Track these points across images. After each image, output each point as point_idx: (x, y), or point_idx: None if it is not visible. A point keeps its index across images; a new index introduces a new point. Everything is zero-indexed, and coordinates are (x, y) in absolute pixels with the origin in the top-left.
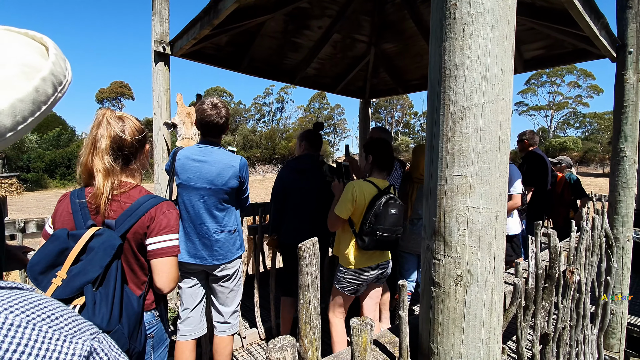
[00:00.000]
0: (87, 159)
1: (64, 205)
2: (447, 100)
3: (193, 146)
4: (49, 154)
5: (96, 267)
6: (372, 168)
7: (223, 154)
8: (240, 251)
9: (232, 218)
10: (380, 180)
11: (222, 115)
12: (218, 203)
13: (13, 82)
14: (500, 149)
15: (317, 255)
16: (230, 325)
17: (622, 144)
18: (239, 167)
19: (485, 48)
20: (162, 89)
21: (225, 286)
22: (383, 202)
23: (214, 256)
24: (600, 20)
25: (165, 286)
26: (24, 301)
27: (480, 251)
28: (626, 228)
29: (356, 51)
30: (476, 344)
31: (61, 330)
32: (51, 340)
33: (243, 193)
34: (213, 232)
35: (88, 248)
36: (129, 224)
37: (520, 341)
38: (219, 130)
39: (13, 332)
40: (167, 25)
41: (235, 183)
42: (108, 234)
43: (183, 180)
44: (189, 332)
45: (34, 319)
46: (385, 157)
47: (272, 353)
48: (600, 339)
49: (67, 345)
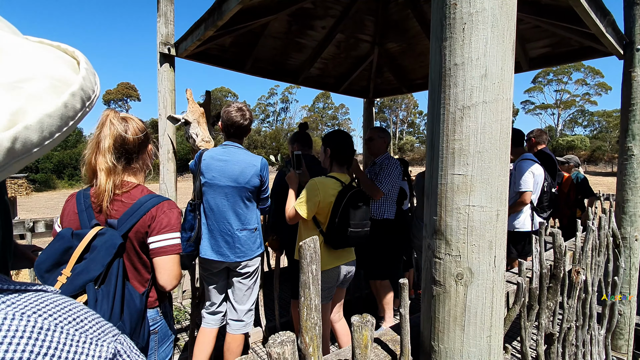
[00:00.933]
0: (90, 158)
1: (71, 205)
2: (447, 100)
3: (217, 147)
4: (57, 155)
5: (98, 266)
6: (332, 162)
7: (245, 154)
8: (261, 249)
9: (254, 217)
10: (343, 175)
11: (247, 118)
12: (241, 201)
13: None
14: (500, 148)
15: (317, 253)
16: (244, 323)
17: (630, 143)
18: (260, 167)
19: (486, 47)
20: (167, 90)
21: (244, 283)
22: (350, 197)
23: (235, 253)
24: (607, 17)
25: (168, 284)
26: (50, 304)
27: (480, 250)
28: (634, 227)
29: (360, 51)
30: (477, 342)
31: (87, 333)
32: (79, 343)
33: (264, 193)
34: (235, 229)
35: (91, 247)
36: (131, 223)
37: (524, 341)
38: (243, 132)
39: (43, 335)
40: (172, 27)
41: (257, 182)
42: (110, 233)
43: (208, 179)
44: (215, 321)
45: (61, 322)
46: (343, 150)
47: (272, 348)
48: (608, 340)
49: (94, 348)
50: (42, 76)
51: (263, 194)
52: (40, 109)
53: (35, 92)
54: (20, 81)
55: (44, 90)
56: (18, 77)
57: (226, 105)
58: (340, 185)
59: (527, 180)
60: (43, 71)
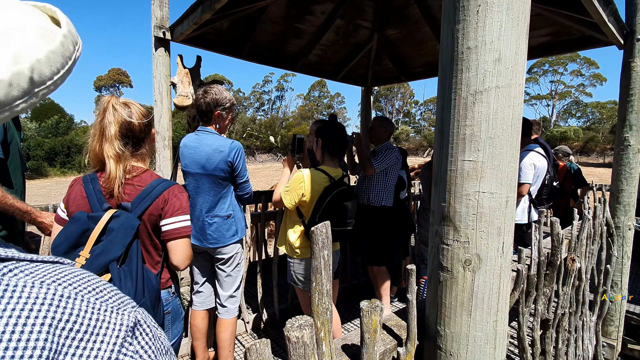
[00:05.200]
0: (96, 145)
1: (77, 189)
2: (459, 85)
3: (192, 133)
4: (49, 142)
5: (119, 246)
6: (323, 154)
7: (213, 139)
8: (236, 237)
9: (227, 204)
10: (333, 169)
11: (206, 100)
12: (211, 189)
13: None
14: (512, 134)
15: (329, 238)
16: (227, 309)
17: (627, 133)
18: (228, 152)
19: (500, 31)
20: (163, 76)
21: (223, 269)
22: (336, 195)
23: (207, 240)
24: (610, 6)
25: (181, 263)
26: (69, 274)
27: (489, 236)
28: (628, 217)
29: (359, 37)
30: (483, 327)
31: (107, 302)
32: (100, 311)
33: (238, 178)
34: (206, 216)
35: (107, 229)
36: (144, 206)
37: (522, 326)
38: (203, 115)
39: (64, 302)
40: (167, 9)
41: (226, 167)
42: (126, 215)
43: (183, 166)
44: (200, 303)
45: (81, 291)
46: (336, 142)
47: (290, 332)
48: (599, 326)
49: (115, 316)
50: (31, 25)
51: (238, 179)
52: (45, 47)
53: (29, 38)
54: (12, 29)
55: (36, 36)
56: (9, 26)
57: None
58: (328, 181)
59: (526, 172)
60: (31, 21)
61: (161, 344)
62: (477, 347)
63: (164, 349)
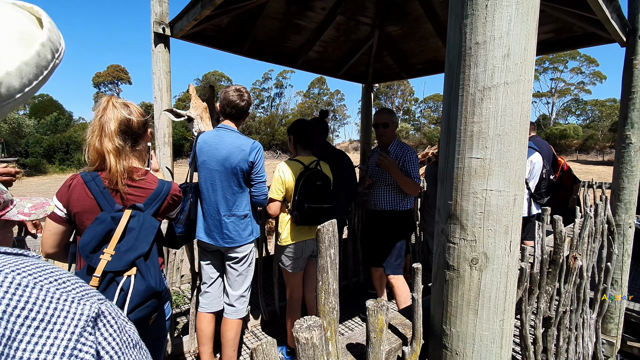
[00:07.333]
0: (95, 141)
1: (80, 189)
2: (466, 81)
3: (212, 130)
4: (47, 139)
5: (144, 244)
6: (295, 147)
7: (235, 138)
8: (252, 237)
9: (244, 203)
10: (307, 157)
11: (244, 99)
12: (229, 186)
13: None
14: (520, 131)
15: (336, 237)
16: (235, 309)
17: (628, 131)
18: (249, 151)
19: (509, 25)
20: (163, 72)
21: (235, 268)
22: (308, 176)
23: (223, 239)
24: (613, 2)
25: None
26: (30, 265)
27: (497, 234)
28: (629, 215)
29: (360, 34)
30: (490, 326)
31: (69, 292)
32: (59, 301)
33: (255, 179)
34: (223, 215)
35: (127, 228)
36: (156, 206)
37: (525, 324)
38: (239, 113)
39: (21, 291)
40: (167, 5)
41: (246, 167)
42: (142, 215)
43: (200, 162)
44: (207, 305)
45: (41, 280)
46: (305, 135)
47: (299, 333)
48: (599, 324)
49: (75, 306)
50: (10, 30)
51: (254, 180)
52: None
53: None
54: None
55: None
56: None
57: (225, 88)
58: (302, 167)
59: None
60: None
61: (128, 337)
62: (483, 347)
63: (131, 342)
